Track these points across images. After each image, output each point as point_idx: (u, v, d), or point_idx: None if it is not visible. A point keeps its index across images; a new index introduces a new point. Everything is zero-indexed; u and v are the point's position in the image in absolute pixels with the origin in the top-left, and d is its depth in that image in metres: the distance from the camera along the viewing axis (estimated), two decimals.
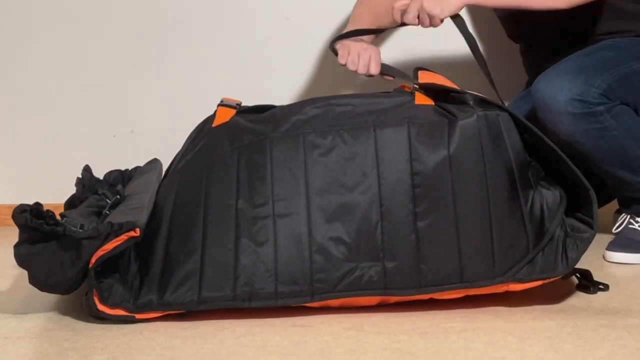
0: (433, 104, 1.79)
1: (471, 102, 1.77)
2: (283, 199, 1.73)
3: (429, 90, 1.82)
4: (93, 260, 1.67)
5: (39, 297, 1.85)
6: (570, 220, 1.79)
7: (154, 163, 2.10)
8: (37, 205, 1.70)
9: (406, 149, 1.73)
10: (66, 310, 1.80)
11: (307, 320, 1.71)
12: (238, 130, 1.80)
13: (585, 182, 1.75)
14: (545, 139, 1.76)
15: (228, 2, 2.63)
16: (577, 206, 1.79)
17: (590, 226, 1.76)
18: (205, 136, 1.84)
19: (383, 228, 1.71)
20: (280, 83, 2.61)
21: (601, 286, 1.84)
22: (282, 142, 1.76)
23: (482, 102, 1.78)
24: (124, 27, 2.63)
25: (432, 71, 1.90)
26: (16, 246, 1.71)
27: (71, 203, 2.01)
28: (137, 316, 1.71)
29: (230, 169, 1.76)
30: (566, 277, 1.79)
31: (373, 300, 1.74)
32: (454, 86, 1.84)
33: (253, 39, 2.62)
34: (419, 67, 1.90)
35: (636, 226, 2.13)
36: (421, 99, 1.80)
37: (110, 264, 1.70)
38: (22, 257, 1.70)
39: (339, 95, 1.88)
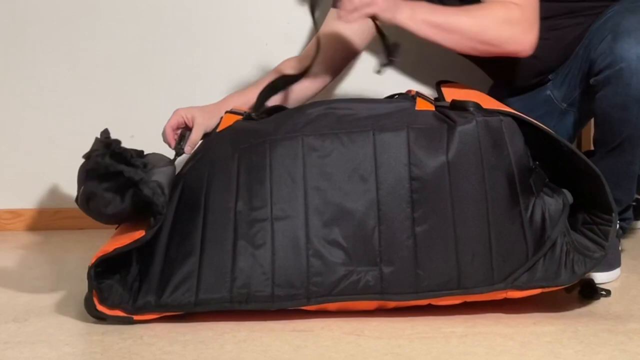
0: (434, 109, 1.79)
1: (471, 109, 1.76)
2: (281, 201, 1.73)
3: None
4: (93, 260, 1.69)
5: (39, 302, 1.85)
6: (580, 238, 1.77)
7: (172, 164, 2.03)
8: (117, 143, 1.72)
9: (405, 154, 1.72)
10: (66, 315, 1.80)
11: (308, 324, 1.71)
12: (240, 133, 1.81)
13: (613, 203, 1.73)
14: (577, 151, 1.75)
15: (229, 6, 2.63)
16: (589, 223, 1.78)
17: (602, 247, 1.75)
18: (210, 140, 1.85)
19: (380, 232, 1.71)
20: None
21: (603, 291, 1.84)
22: (281, 144, 1.76)
23: (484, 108, 1.78)
24: (125, 32, 2.63)
25: (454, 82, 1.88)
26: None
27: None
28: (135, 317, 1.72)
29: (231, 172, 1.75)
30: (569, 290, 1.78)
31: (371, 304, 1.74)
32: (476, 96, 1.82)
33: (254, 44, 2.62)
34: (441, 81, 1.89)
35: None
36: (422, 105, 1.80)
37: (112, 265, 1.72)
38: (88, 193, 1.71)
39: (340, 99, 1.88)
